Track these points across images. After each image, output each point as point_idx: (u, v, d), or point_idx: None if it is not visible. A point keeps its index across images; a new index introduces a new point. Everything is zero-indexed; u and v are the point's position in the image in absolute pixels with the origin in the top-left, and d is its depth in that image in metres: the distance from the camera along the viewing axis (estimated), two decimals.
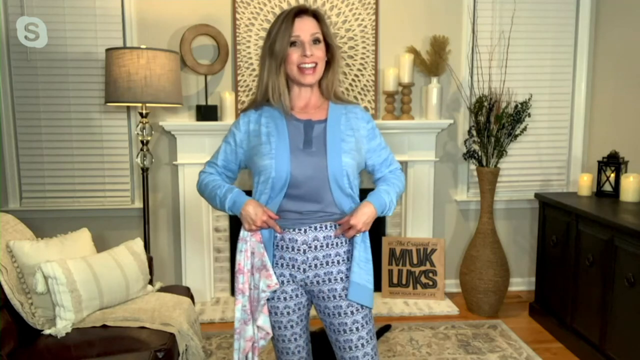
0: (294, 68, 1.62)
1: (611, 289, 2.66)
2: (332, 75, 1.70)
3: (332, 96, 1.72)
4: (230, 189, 1.67)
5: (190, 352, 2.39)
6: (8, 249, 2.32)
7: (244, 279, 1.66)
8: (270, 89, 1.64)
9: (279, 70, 1.63)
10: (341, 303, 1.67)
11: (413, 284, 3.73)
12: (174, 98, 3.10)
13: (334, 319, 1.69)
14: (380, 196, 1.68)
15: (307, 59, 1.60)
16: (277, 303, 1.69)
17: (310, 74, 1.63)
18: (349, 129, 1.68)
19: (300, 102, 1.70)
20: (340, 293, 1.67)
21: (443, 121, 3.62)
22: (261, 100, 1.69)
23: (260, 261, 1.65)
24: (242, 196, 1.65)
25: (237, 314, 1.68)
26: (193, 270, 3.63)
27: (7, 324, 2.17)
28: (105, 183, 3.59)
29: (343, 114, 1.70)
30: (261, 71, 1.67)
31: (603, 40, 3.70)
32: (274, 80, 1.64)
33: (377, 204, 1.66)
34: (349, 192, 1.65)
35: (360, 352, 1.68)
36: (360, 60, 3.62)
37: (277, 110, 1.67)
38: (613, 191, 3.20)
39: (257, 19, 3.51)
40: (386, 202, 1.69)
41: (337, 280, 1.67)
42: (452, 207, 3.90)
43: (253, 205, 1.62)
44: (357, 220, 1.61)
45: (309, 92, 1.69)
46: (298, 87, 1.68)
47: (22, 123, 3.48)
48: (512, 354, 2.95)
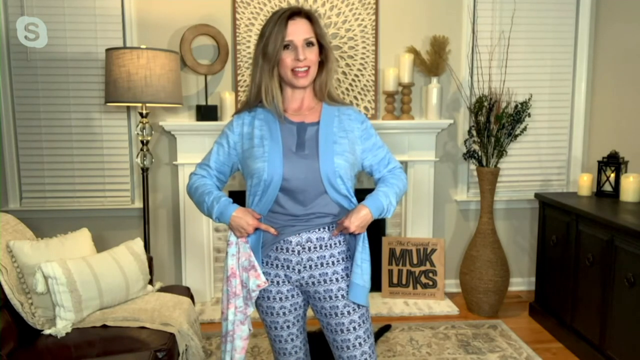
0: (288, 71, 1.61)
1: (611, 289, 2.66)
2: (326, 77, 1.69)
3: (326, 97, 1.71)
4: (217, 198, 1.64)
5: (190, 352, 2.39)
6: (8, 249, 2.32)
7: (236, 282, 1.65)
8: (264, 90, 1.63)
9: (272, 73, 1.62)
10: (337, 303, 1.67)
11: (413, 284, 3.73)
12: (174, 98, 3.10)
13: (330, 319, 1.68)
14: (378, 199, 1.66)
15: (300, 62, 1.59)
16: (273, 303, 1.69)
17: (304, 77, 1.62)
18: (341, 131, 1.67)
19: (294, 104, 1.69)
20: (336, 293, 1.66)
21: (443, 121, 3.62)
22: (254, 102, 1.68)
23: (247, 261, 1.64)
24: (229, 207, 1.62)
25: (230, 316, 1.67)
26: (193, 270, 3.62)
27: (7, 324, 2.17)
28: (105, 183, 3.59)
29: (336, 115, 1.69)
30: (254, 72, 1.65)
31: (603, 40, 3.70)
32: (267, 83, 1.63)
33: (373, 207, 1.64)
34: (345, 194, 1.64)
35: (358, 351, 1.68)
36: (360, 60, 3.62)
37: (270, 112, 1.66)
38: (613, 191, 3.20)
39: (257, 19, 3.51)
40: (384, 205, 1.66)
41: (333, 281, 1.66)
42: (452, 207, 3.90)
43: (242, 214, 1.60)
44: (351, 223, 1.60)
45: (302, 94, 1.68)
46: (291, 88, 1.67)
47: (22, 123, 3.48)
48: (512, 354, 2.95)
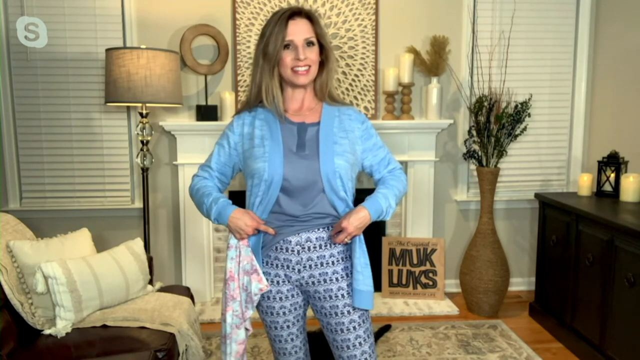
0: (288, 70, 1.62)
1: (611, 289, 2.66)
2: (326, 76, 1.69)
3: (327, 97, 1.71)
4: (216, 199, 1.64)
5: (190, 352, 2.39)
6: (8, 249, 2.32)
7: (234, 285, 1.65)
8: (264, 90, 1.64)
9: (272, 73, 1.62)
10: (337, 303, 1.67)
11: (413, 284, 3.73)
12: (174, 98, 3.10)
13: (330, 318, 1.68)
14: (377, 201, 1.65)
15: (300, 62, 1.60)
16: (273, 303, 1.69)
17: (304, 75, 1.62)
18: (342, 131, 1.67)
19: (294, 104, 1.69)
20: (336, 293, 1.66)
21: (443, 121, 3.62)
22: (254, 102, 1.68)
23: (249, 265, 1.64)
24: (227, 208, 1.62)
25: (228, 319, 1.66)
26: (193, 270, 3.62)
27: (7, 324, 2.17)
28: (105, 183, 3.59)
29: (336, 116, 1.69)
30: (254, 72, 1.66)
31: (603, 40, 3.70)
32: (267, 82, 1.63)
33: (372, 209, 1.62)
34: (342, 195, 1.63)
35: (358, 350, 1.68)
36: (360, 60, 3.62)
37: (270, 112, 1.66)
38: (613, 191, 3.20)
39: (257, 19, 3.51)
40: (383, 208, 1.65)
41: (333, 281, 1.66)
42: (452, 207, 3.90)
43: (240, 215, 1.60)
44: (349, 224, 1.58)
45: (303, 94, 1.68)
46: (292, 88, 1.67)
47: (22, 123, 3.48)
48: (512, 354, 2.95)
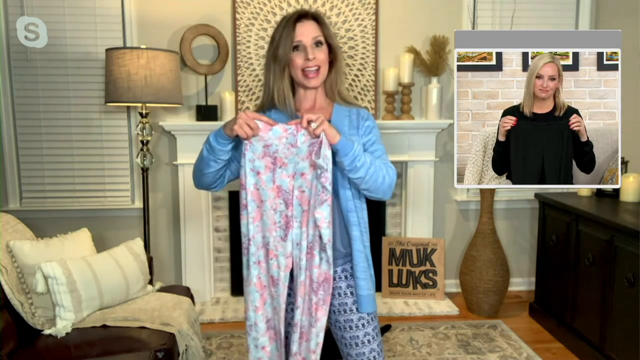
0: (298, 72, 1.64)
1: (611, 289, 2.66)
2: (336, 76, 1.72)
3: (337, 96, 1.73)
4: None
5: (190, 352, 2.39)
6: (8, 249, 2.32)
7: (246, 194, 1.56)
8: (276, 92, 1.66)
9: (283, 75, 1.64)
10: (346, 300, 1.69)
11: (413, 284, 3.73)
12: (174, 98, 3.10)
13: (339, 316, 1.70)
14: (352, 142, 1.54)
15: (310, 62, 1.62)
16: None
17: (314, 77, 1.64)
18: (352, 129, 1.68)
19: (306, 104, 1.71)
20: (351, 307, 1.69)
21: (443, 121, 3.62)
22: (268, 105, 1.71)
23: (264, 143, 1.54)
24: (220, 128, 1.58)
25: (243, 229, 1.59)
26: (193, 270, 3.62)
27: (7, 324, 2.17)
28: (105, 183, 3.59)
29: (347, 115, 1.71)
30: (267, 77, 1.68)
31: None
32: (279, 85, 1.65)
33: (345, 139, 1.52)
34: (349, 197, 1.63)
35: (366, 348, 1.69)
36: (360, 60, 3.62)
37: (283, 113, 1.68)
38: (613, 191, 3.20)
39: (257, 19, 3.51)
40: (354, 148, 1.52)
41: (347, 295, 1.69)
42: (452, 207, 3.90)
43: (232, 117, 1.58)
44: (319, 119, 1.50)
45: (314, 94, 1.71)
46: (303, 89, 1.70)
47: (22, 123, 3.48)
48: (512, 354, 2.95)
